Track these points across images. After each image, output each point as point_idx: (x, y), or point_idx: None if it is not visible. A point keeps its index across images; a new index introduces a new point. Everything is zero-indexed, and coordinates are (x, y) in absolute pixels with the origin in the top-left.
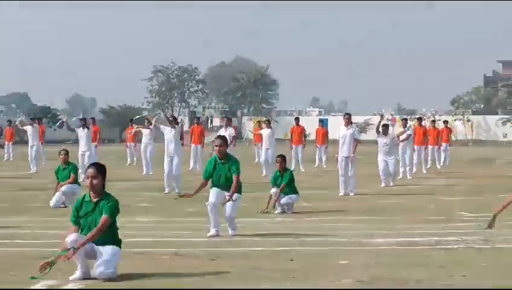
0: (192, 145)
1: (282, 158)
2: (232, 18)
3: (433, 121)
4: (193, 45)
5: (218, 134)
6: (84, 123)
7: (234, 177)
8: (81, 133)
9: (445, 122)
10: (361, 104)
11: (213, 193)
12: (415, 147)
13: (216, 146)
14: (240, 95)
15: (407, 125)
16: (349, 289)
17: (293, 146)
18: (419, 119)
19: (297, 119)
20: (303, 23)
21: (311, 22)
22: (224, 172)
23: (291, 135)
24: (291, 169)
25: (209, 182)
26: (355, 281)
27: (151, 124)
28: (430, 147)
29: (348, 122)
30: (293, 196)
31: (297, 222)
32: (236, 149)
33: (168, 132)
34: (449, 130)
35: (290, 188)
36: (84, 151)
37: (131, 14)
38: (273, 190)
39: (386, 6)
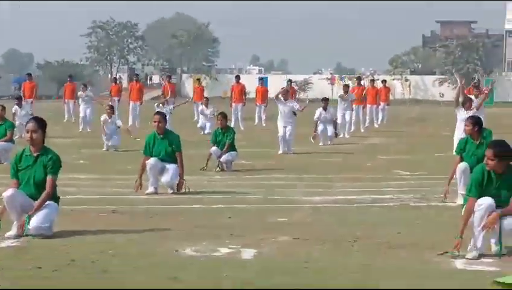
0: (131, 103)
1: (223, 116)
2: None
3: (372, 80)
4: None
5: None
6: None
7: (178, 154)
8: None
9: (384, 81)
10: (301, 64)
11: (153, 159)
12: (353, 106)
13: (154, 122)
14: (179, 52)
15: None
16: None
17: (233, 104)
18: (358, 79)
19: (237, 77)
20: None
21: None
22: (164, 147)
23: (231, 93)
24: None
25: None
26: (292, 238)
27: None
28: (368, 106)
29: (286, 96)
30: (233, 153)
31: (236, 180)
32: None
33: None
34: (387, 90)
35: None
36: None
37: None
38: (214, 148)
39: None
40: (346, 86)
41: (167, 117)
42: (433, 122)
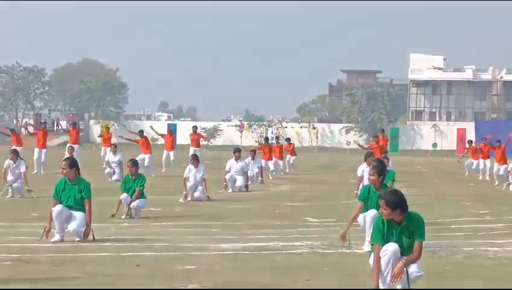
0: (36, 149)
1: (133, 162)
2: (79, 18)
3: (277, 138)
4: (39, 45)
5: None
6: None
7: (87, 201)
8: None
9: (288, 139)
10: (210, 111)
11: (58, 206)
12: (263, 161)
13: (63, 168)
14: (87, 98)
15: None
16: None
17: (141, 155)
18: (266, 139)
19: (141, 131)
20: (152, 25)
21: (161, 25)
22: (73, 193)
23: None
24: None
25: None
26: (201, 286)
27: None
28: (274, 159)
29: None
30: (142, 200)
31: (144, 227)
32: (85, 152)
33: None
34: (292, 146)
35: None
36: None
37: None
38: (124, 195)
39: (238, 7)
40: (253, 152)
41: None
42: (340, 170)
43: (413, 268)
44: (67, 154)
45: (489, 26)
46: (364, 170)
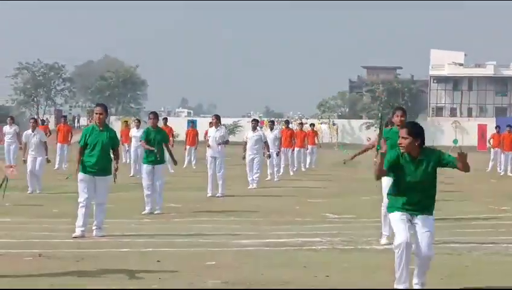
0: (58, 144)
1: (155, 114)
2: (101, 16)
3: (301, 124)
4: (60, 42)
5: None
6: None
7: (115, 149)
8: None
9: (312, 125)
10: (230, 107)
11: (83, 189)
12: (282, 149)
13: (95, 113)
14: (108, 94)
15: (274, 127)
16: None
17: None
18: (287, 122)
19: (165, 119)
20: (175, 23)
21: (183, 22)
22: (101, 139)
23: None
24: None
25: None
26: (221, 282)
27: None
28: (296, 149)
29: (217, 123)
30: (163, 165)
31: (165, 223)
32: None
33: (31, 137)
34: (315, 133)
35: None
36: None
37: None
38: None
39: (256, 6)
40: (272, 122)
41: None
42: (361, 166)
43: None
44: None
45: (511, 22)
46: None
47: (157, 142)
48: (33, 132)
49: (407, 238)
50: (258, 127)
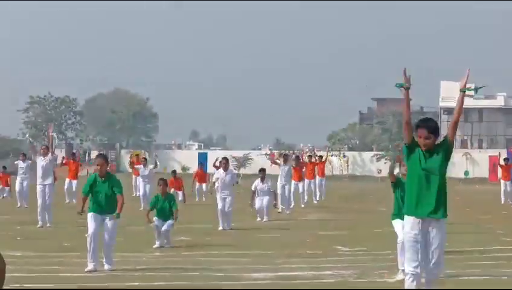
0: (67, 179)
1: (164, 182)
2: (109, 49)
3: (310, 156)
4: (71, 75)
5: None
6: None
7: (119, 196)
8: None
9: (320, 157)
10: (240, 139)
11: (91, 223)
12: (293, 181)
13: (97, 165)
14: (118, 127)
15: (288, 159)
16: None
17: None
18: (297, 158)
19: (174, 172)
20: (185, 56)
21: (187, 56)
22: (104, 190)
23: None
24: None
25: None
26: None
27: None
28: (306, 180)
29: (226, 166)
30: (170, 222)
31: (175, 256)
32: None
33: (41, 161)
34: (323, 164)
35: (170, 213)
36: None
37: (6, 38)
38: (156, 222)
39: (263, 35)
40: (285, 155)
41: None
42: (371, 198)
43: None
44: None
45: None
46: None
47: (163, 210)
48: (44, 157)
49: (418, 263)
50: (230, 167)
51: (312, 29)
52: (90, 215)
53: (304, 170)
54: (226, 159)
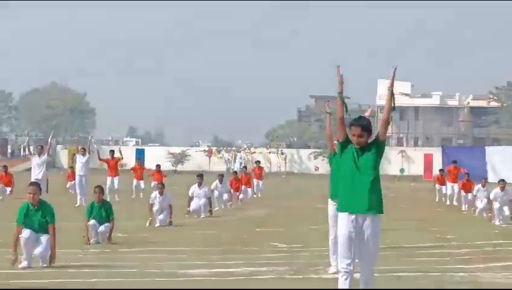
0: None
1: (100, 189)
2: (48, 43)
3: (245, 167)
4: (6, 70)
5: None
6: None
7: (50, 226)
8: None
9: (258, 162)
10: (178, 136)
11: (25, 231)
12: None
13: (29, 193)
14: (54, 123)
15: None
16: None
17: (109, 177)
18: (235, 173)
19: (112, 151)
20: (122, 51)
21: (130, 51)
22: (37, 218)
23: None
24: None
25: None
26: None
27: None
28: (243, 187)
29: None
30: (107, 224)
31: (111, 253)
32: (52, 177)
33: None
34: (261, 169)
35: (107, 221)
36: None
37: None
38: (92, 222)
39: (200, 34)
40: (221, 176)
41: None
42: (308, 195)
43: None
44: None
45: (456, 53)
46: None
47: (100, 217)
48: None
49: (352, 260)
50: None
51: (250, 26)
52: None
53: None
54: (201, 176)
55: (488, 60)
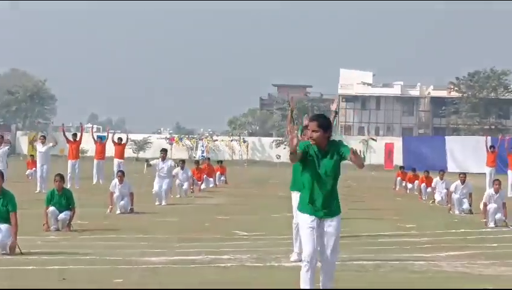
0: None
1: (61, 177)
2: (8, 29)
3: (208, 159)
4: None
5: None
6: None
7: (12, 214)
8: None
9: (220, 162)
10: (140, 123)
11: None
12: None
13: None
14: (14, 109)
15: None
16: None
17: (70, 161)
18: (197, 163)
19: (75, 135)
20: (84, 36)
21: (92, 37)
22: None
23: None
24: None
25: None
26: None
27: None
28: (204, 176)
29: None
30: (67, 212)
31: (71, 240)
32: (12, 164)
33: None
34: (223, 169)
35: (68, 209)
36: None
37: None
38: (51, 209)
39: (167, 21)
40: (182, 162)
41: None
42: (270, 183)
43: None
44: None
45: (418, 44)
46: None
47: (60, 205)
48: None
49: (314, 251)
50: (168, 160)
51: (214, 20)
52: None
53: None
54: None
55: (449, 51)
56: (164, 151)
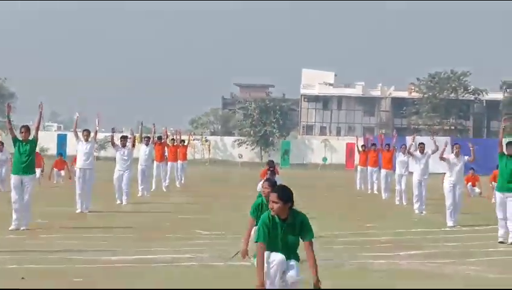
0: None
1: (27, 128)
2: None
3: (172, 140)
4: None
5: None
6: None
7: None
8: None
9: (182, 141)
10: (101, 121)
11: None
12: (156, 163)
13: None
14: None
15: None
16: None
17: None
18: (159, 138)
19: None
20: (45, 34)
21: (54, 34)
22: None
23: None
24: None
25: None
26: None
27: None
28: (169, 163)
29: (87, 137)
30: (32, 176)
31: (31, 239)
32: None
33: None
34: (186, 148)
35: None
36: None
37: None
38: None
39: (130, 19)
40: (147, 138)
41: None
42: (231, 183)
43: (291, 273)
44: None
45: (380, 44)
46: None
47: (26, 154)
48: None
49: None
50: (127, 143)
51: (176, 19)
52: None
53: (166, 153)
54: (87, 131)
55: (410, 52)
56: (124, 138)
